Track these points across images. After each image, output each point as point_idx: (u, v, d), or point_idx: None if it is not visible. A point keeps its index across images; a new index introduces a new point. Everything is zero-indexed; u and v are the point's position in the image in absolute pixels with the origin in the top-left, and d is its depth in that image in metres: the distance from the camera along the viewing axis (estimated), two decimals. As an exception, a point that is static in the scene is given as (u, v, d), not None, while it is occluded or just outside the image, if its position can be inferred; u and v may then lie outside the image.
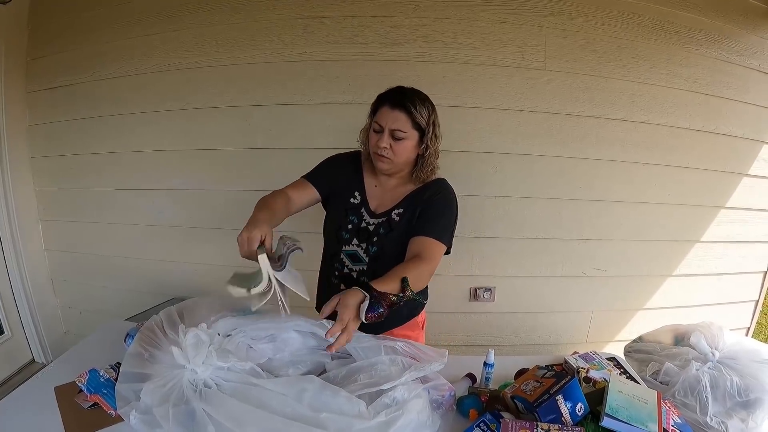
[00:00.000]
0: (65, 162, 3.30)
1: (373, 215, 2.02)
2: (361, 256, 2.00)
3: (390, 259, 1.91)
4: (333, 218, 2.10)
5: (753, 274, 3.37)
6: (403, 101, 1.84)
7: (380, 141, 1.86)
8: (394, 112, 1.84)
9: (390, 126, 1.84)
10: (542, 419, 1.39)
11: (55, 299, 3.64)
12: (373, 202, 2.05)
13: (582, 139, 2.87)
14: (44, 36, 3.19)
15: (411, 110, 1.83)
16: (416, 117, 1.83)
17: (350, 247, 2.02)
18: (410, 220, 1.95)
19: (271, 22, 2.79)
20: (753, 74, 2.99)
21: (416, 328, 2.20)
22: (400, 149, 1.87)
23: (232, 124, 2.94)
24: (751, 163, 3.10)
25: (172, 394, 1.36)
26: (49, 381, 1.66)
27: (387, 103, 1.86)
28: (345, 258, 2.04)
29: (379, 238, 1.97)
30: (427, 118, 1.87)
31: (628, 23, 2.80)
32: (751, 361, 2.00)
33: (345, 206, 2.06)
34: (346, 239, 2.03)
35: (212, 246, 3.16)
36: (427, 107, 1.88)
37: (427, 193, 1.98)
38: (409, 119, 1.83)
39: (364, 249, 1.99)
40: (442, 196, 1.98)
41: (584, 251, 3.07)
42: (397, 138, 1.85)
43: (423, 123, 1.86)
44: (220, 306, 1.79)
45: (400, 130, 1.84)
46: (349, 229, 2.02)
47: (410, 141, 1.88)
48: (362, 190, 2.07)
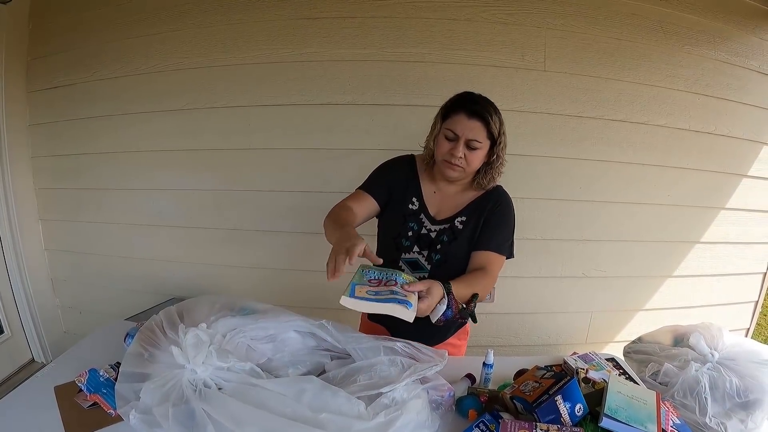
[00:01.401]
0: (65, 161, 3.30)
1: (434, 221, 1.98)
2: (422, 264, 1.97)
3: (453, 266, 1.93)
4: (390, 225, 2.04)
5: (752, 275, 3.37)
6: (480, 111, 1.79)
7: (455, 150, 1.81)
8: (472, 121, 1.79)
9: (467, 136, 1.79)
10: (541, 420, 1.39)
11: (55, 299, 3.64)
12: (433, 209, 2.00)
13: (582, 140, 2.87)
14: (45, 35, 3.19)
15: (488, 120, 1.79)
16: (492, 127, 1.80)
17: (410, 255, 1.98)
18: (474, 229, 1.94)
19: (270, 23, 2.79)
20: (753, 75, 2.99)
21: (464, 335, 2.24)
22: (473, 158, 1.84)
23: (232, 124, 2.94)
24: (750, 164, 3.09)
25: (172, 394, 1.36)
26: (48, 380, 1.66)
27: (463, 111, 1.80)
28: (404, 266, 1.99)
29: (443, 245, 1.94)
30: (499, 127, 1.84)
31: (628, 24, 2.80)
32: (750, 362, 2.00)
33: (403, 212, 2.00)
34: (406, 247, 1.98)
35: (212, 246, 3.17)
36: (499, 116, 1.85)
37: (489, 203, 1.96)
38: (485, 129, 1.80)
39: (426, 256, 1.96)
40: (502, 207, 1.97)
41: (584, 252, 3.07)
42: (472, 148, 1.81)
43: (496, 132, 1.83)
44: (220, 306, 1.78)
45: (476, 140, 1.80)
46: (410, 237, 1.98)
47: (483, 150, 1.84)
48: (420, 195, 2.02)
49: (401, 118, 2.78)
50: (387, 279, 1.58)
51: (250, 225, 3.08)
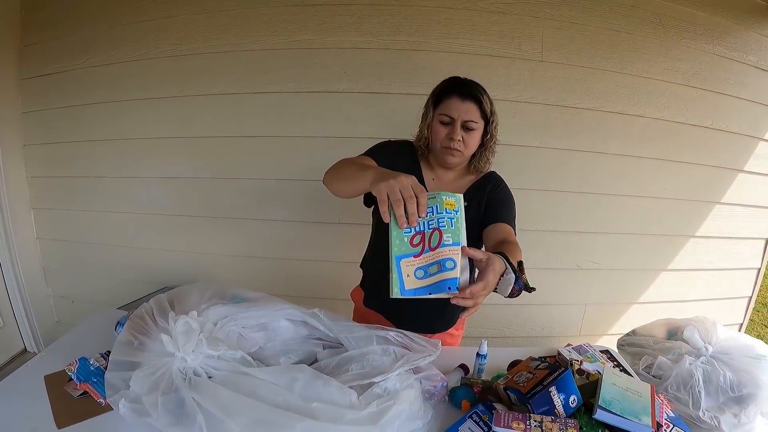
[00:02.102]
0: (58, 150, 3.28)
1: None
2: None
3: None
4: None
5: (747, 270, 3.38)
6: (472, 92, 1.80)
7: (453, 133, 1.80)
8: (465, 103, 1.79)
9: (463, 117, 1.79)
10: (535, 411, 1.38)
11: (47, 288, 3.62)
12: None
13: (578, 132, 2.87)
14: (37, 22, 3.16)
15: (481, 99, 1.79)
16: (485, 106, 1.80)
17: None
18: (476, 214, 1.91)
19: (265, 9, 2.77)
20: (750, 70, 3.00)
21: (461, 326, 2.22)
22: (470, 140, 1.84)
23: (226, 112, 2.92)
24: (746, 159, 3.10)
25: (162, 383, 1.35)
26: (38, 370, 1.65)
27: (455, 94, 1.81)
28: None
29: None
30: (491, 106, 1.84)
31: (626, 16, 2.79)
32: (744, 356, 2.00)
33: None
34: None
35: (205, 234, 3.16)
36: (488, 95, 1.85)
37: (488, 186, 1.96)
38: (478, 109, 1.80)
39: None
40: (502, 188, 1.98)
41: (579, 244, 3.07)
42: (469, 128, 1.81)
43: (489, 111, 1.83)
44: (211, 294, 1.77)
45: (472, 120, 1.79)
46: None
47: (478, 131, 1.84)
48: (421, 182, 1.92)
49: (397, 106, 2.77)
50: (430, 228, 1.33)
51: (244, 213, 3.06)
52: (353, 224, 2.91)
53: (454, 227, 1.31)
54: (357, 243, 2.28)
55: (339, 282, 2.43)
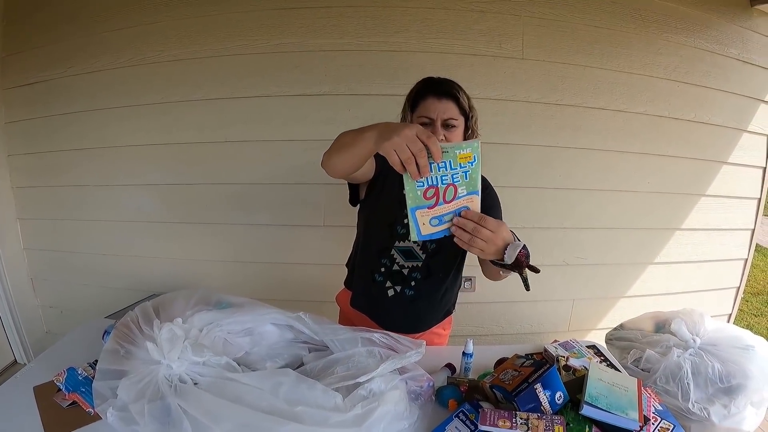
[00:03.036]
0: (42, 159, 3.26)
1: None
2: (416, 253, 1.93)
3: (448, 255, 1.93)
4: (385, 210, 1.94)
5: (734, 261, 3.41)
6: (448, 89, 1.79)
7: (435, 134, 1.71)
8: (443, 102, 1.77)
9: (442, 116, 1.76)
10: (521, 408, 1.39)
11: (36, 299, 3.60)
12: None
13: (561, 128, 2.88)
14: (18, 31, 3.14)
15: (458, 96, 1.78)
16: (462, 102, 1.79)
17: (405, 243, 1.93)
18: None
19: (245, 14, 2.76)
20: (732, 63, 3.02)
21: (448, 325, 2.19)
22: (453, 138, 1.79)
23: (209, 117, 2.91)
24: (731, 151, 3.12)
25: (148, 390, 1.34)
26: (27, 381, 1.63)
27: (431, 94, 1.79)
28: (396, 254, 1.93)
29: None
30: (468, 101, 1.83)
31: (606, 12, 2.81)
32: (732, 347, 2.02)
33: (399, 198, 1.77)
34: (401, 234, 1.92)
35: (191, 240, 3.15)
36: (465, 91, 1.83)
37: None
38: (456, 106, 1.78)
39: (421, 245, 1.93)
40: (489, 192, 1.96)
41: (564, 240, 3.08)
42: (450, 126, 1.78)
43: (467, 107, 1.82)
44: (196, 300, 1.76)
45: (452, 118, 1.77)
46: (405, 224, 1.87)
47: (460, 128, 1.81)
48: None
49: (379, 108, 2.74)
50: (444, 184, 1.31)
51: (229, 218, 3.05)
52: (339, 226, 2.92)
53: (469, 179, 1.33)
54: (342, 244, 2.28)
55: (325, 285, 2.42)
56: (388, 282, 1.95)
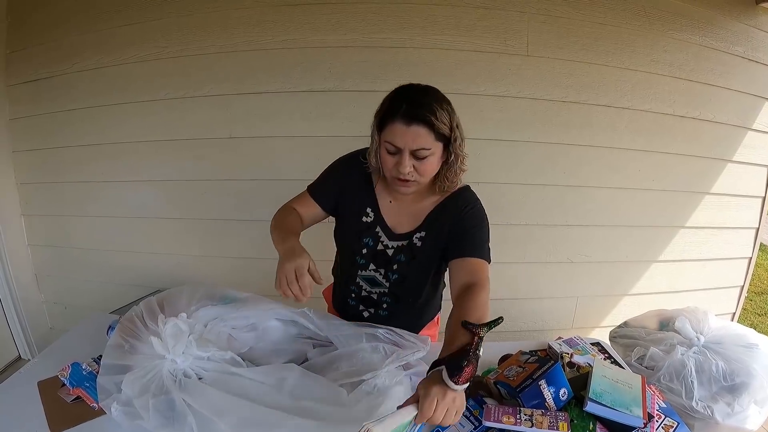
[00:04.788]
0: (47, 155, 3.26)
1: (392, 236, 1.75)
2: (379, 281, 1.82)
3: (414, 284, 1.82)
4: (345, 240, 1.86)
5: (738, 259, 3.39)
6: (419, 114, 1.45)
7: (401, 166, 1.51)
8: (412, 128, 1.46)
9: (411, 146, 1.48)
10: (525, 404, 1.39)
11: (40, 295, 3.61)
12: (390, 220, 1.76)
13: (566, 125, 2.87)
14: (23, 28, 3.14)
15: (432, 121, 1.46)
16: (439, 127, 1.47)
17: (367, 272, 1.82)
18: (435, 244, 1.71)
19: (249, 10, 2.76)
20: (737, 61, 3.00)
21: (433, 326, 2.12)
22: (425, 168, 1.54)
23: (213, 113, 2.91)
24: (735, 149, 3.11)
25: (152, 385, 1.36)
26: (32, 376, 1.64)
27: (398, 118, 1.47)
28: (362, 282, 1.85)
29: (400, 265, 1.76)
30: (450, 121, 1.51)
31: (611, 9, 2.80)
32: (736, 345, 2.01)
33: (357, 227, 1.78)
34: (361, 264, 1.81)
35: (195, 236, 3.16)
36: (446, 108, 1.51)
37: (451, 208, 1.70)
38: (431, 132, 1.47)
39: (383, 274, 1.80)
40: (470, 209, 1.70)
41: (569, 237, 3.08)
42: (420, 157, 1.51)
43: (447, 130, 1.51)
44: (200, 295, 1.77)
45: (422, 148, 1.49)
46: (364, 254, 1.79)
47: (435, 155, 1.53)
48: (375, 205, 1.77)
49: (383, 104, 2.75)
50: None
51: (232, 215, 3.06)
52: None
53: None
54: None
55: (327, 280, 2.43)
56: (361, 306, 1.91)
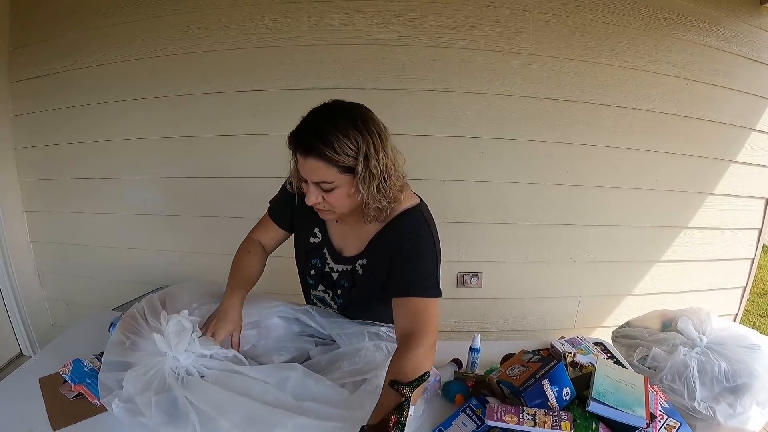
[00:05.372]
0: (49, 152, 3.27)
1: (337, 259, 1.73)
2: (329, 302, 1.82)
3: (360, 308, 1.76)
4: (297, 258, 1.88)
5: (741, 260, 3.39)
6: (312, 145, 1.39)
7: (308, 196, 1.49)
8: (308, 160, 1.41)
9: (312, 178, 1.45)
10: (528, 404, 1.39)
11: (42, 291, 3.61)
12: (337, 242, 1.74)
13: (569, 125, 2.87)
14: (26, 25, 3.15)
15: (327, 155, 1.38)
16: (339, 159, 1.39)
17: (317, 293, 1.83)
18: (374, 272, 1.64)
19: (253, 7, 2.75)
20: (742, 61, 3.00)
21: None
22: (335, 200, 1.49)
23: (216, 111, 2.91)
24: (739, 150, 3.10)
25: (154, 382, 1.35)
26: (33, 372, 1.65)
27: (297, 149, 1.45)
28: (315, 300, 1.87)
29: (343, 290, 1.73)
30: (356, 151, 1.40)
31: (615, 8, 2.79)
32: (738, 346, 2.01)
33: (305, 248, 1.80)
34: (311, 284, 1.83)
35: (197, 233, 3.17)
36: (352, 136, 1.40)
37: (391, 236, 1.59)
38: (330, 165, 1.40)
39: (331, 296, 1.79)
40: (414, 241, 1.56)
41: (571, 237, 3.08)
42: (326, 190, 1.46)
43: (351, 162, 1.41)
44: (203, 292, 1.77)
45: (324, 181, 1.44)
46: (313, 275, 1.80)
47: (342, 188, 1.46)
48: (323, 226, 1.75)
49: (387, 102, 2.74)
50: None
51: (235, 212, 3.04)
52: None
53: None
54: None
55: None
56: None
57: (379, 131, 1.47)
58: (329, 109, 1.47)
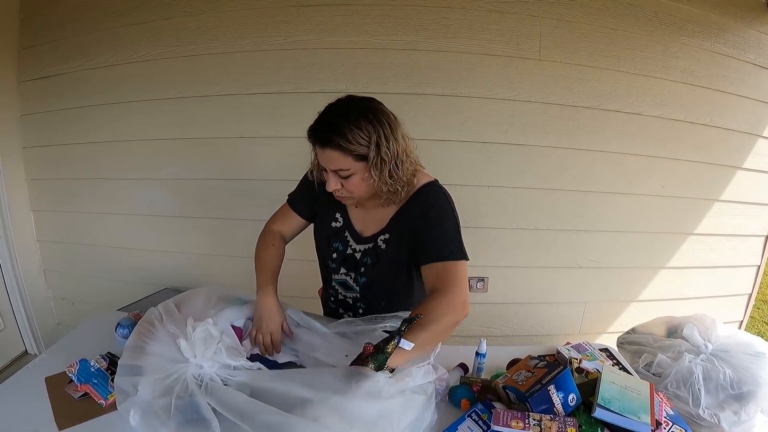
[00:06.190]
0: (57, 152, 3.28)
1: (360, 240, 1.82)
2: (351, 285, 1.88)
3: (382, 288, 1.83)
4: (318, 244, 1.97)
5: (746, 267, 3.38)
6: (329, 137, 1.53)
7: (328, 184, 1.63)
8: (326, 151, 1.55)
9: (331, 167, 1.59)
10: (534, 409, 1.39)
11: (48, 290, 3.63)
12: (358, 224, 1.84)
13: (577, 130, 2.87)
14: (35, 25, 3.17)
15: (342, 145, 1.52)
16: (353, 149, 1.53)
17: (339, 276, 1.90)
18: (399, 247, 1.74)
19: (262, 10, 2.77)
20: (749, 68, 2.99)
21: None
22: (353, 187, 1.63)
23: (224, 113, 2.93)
24: (745, 157, 3.10)
25: (176, 387, 1.33)
26: (39, 371, 1.65)
27: (316, 141, 1.59)
28: (337, 285, 1.93)
29: (366, 268, 1.81)
30: (368, 140, 1.54)
31: (623, 14, 2.79)
32: (743, 353, 2.00)
33: (327, 233, 1.89)
34: (333, 268, 1.91)
35: (204, 235, 3.17)
36: (363, 127, 1.54)
37: (413, 210, 1.71)
38: (346, 155, 1.54)
39: (353, 278, 1.86)
40: (436, 209, 1.70)
41: (577, 242, 3.07)
42: (344, 177, 1.60)
43: (364, 151, 1.54)
44: (217, 298, 1.77)
45: (341, 169, 1.57)
46: (335, 258, 1.88)
47: (359, 175, 1.59)
48: (344, 210, 1.86)
49: (394, 106, 2.70)
50: None
51: (241, 214, 3.06)
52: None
53: None
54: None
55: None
56: (340, 309, 1.98)
57: (389, 121, 1.60)
58: (342, 104, 1.61)
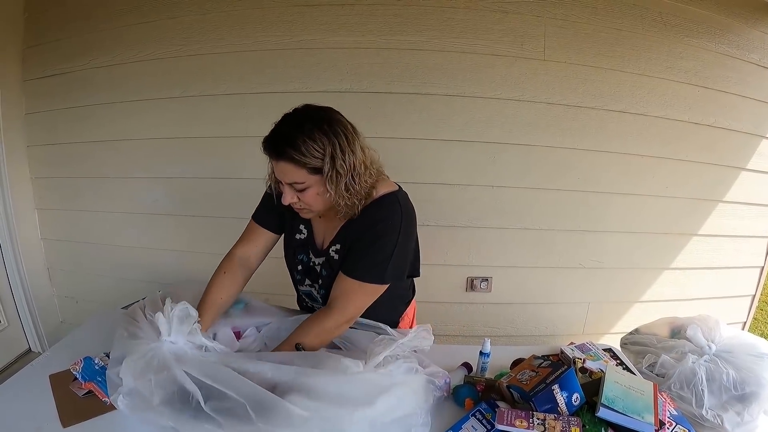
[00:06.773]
0: (61, 150, 3.29)
1: (317, 252, 1.80)
2: (315, 296, 1.88)
3: None
4: (286, 255, 1.95)
5: (750, 268, 3.37)
6: (282, 149, 1.48)
7: (284, 197, 1.58)
8: (280, 164, 1.51)
9: (284, 180, 1.54)
10: (538, 409, 1.39)
11: (52, 288, 3.63)
12: (319, 236, 1.82)
13: (581, 130, 2.87)
14: (40, 24, 3.17)
15: (295, 158, 1.47)
16: (307, 161, 1.47)
17: (305, 287, 1.90)
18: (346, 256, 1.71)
19: (267, 9, 2.77)
20: (753, 68, 2.99)
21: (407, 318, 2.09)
22: (309, 200, 1.57)
23: (229, 112, 2.93)
24: (749, 158, 3.10)
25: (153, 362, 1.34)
26: (43, 369, 1.65)
27: (270, 153, 1.54)
28: (303, 296, 1.97)
29: (323, 280, 1.79)
30: (322, 153, 1.48)
31: (628, 15, 2.79)
32: (747, 354, 2.00)
33: (292, 244, 1.88)
34: (298, 280, 1.91)
35: (208, 234, 3.16)
36: (318, 138, 1.48)
37: (362, 221, 1.64)
38: (300, 167, 1.49)
39: (316, 290, 1.85)
40: (382, 225, 1.63)
41: (581, 242, 3.07)
42: (299, 190, 1.55)
43: (318, 164, 1.48)
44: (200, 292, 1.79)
45: (296, 182, 1.53)
46: (299, 270, 1.88)
47: (314, 188, 1.54)
48: (308, 222, 1.83)
49: (399, 107, 2.76)
50: None
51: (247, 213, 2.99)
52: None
53: None
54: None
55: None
56: None
57: (345, 132, 1.53)
58: (298, 114, 1.56)
